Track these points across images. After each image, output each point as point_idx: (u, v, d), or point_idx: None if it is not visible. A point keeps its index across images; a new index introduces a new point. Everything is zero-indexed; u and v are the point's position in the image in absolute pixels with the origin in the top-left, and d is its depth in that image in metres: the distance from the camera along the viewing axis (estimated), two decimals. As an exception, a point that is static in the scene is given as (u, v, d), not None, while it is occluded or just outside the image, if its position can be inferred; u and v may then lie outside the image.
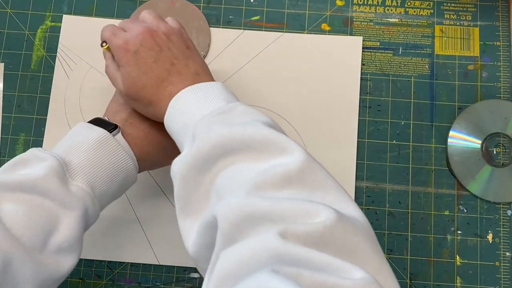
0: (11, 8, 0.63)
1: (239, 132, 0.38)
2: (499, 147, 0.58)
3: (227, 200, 0.35)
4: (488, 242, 0.56)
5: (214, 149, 0.38)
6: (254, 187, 0.35)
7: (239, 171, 0.37)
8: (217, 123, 0.39)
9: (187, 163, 0.38)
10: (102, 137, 0.45)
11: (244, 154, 0.37)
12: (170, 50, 0.46)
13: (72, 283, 0.56)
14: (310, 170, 0.35)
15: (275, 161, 0.36)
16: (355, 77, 0.60)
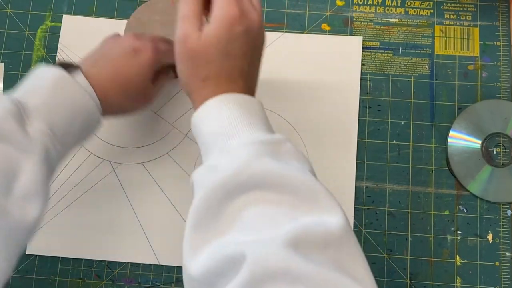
0: (11, 8, 0.63)
1: (286, 172, 0.36)
2: (499, 147, 0.58)
3: (264, 245, 0.33)
4: (488, 242, 0.56)
5: (254, 178, 0.36)
6: (294, 241, 0.33)
7: (276, 211, 0.35)
8: (265, 152, 0.37)
9: (221, 180, 0.36)
10: (58, 76, 0.43)
11: (284, 196, 0.35)
12: (258, 54, 0.44)
13: (72, 283, 0.56)
14: (348, 240, 0.34)
15: (317, 218, 0.35)
16: (355, 77, 0.60)
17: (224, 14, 0.40)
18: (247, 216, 0.35)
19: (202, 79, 0.41)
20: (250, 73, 0.43)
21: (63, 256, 0.57)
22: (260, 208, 0.35)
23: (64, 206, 0.58)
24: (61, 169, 0.58)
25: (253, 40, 0.42)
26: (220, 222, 0.36)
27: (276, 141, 0.39)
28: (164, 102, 0.60)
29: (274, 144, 0.38)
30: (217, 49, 0.41)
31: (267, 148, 0.38)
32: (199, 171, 0.38)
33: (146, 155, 0.59)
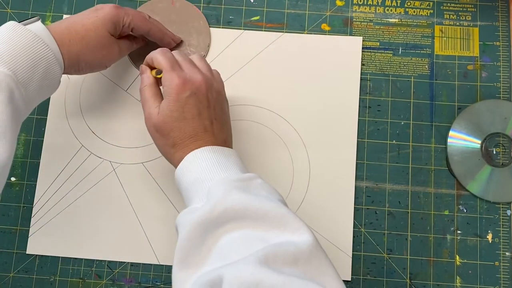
0: (11, 8, 0.63)
1: (256, 202, 0.40)
2: (499, 147, 0.58)
3: (238, 266, 0.36)
4: (488, 242, 0.56)
5: (227, 212, 0.40)
6: (265, 259, 0.36)
7: (248, 237, 0.39)
8: (236, 188, 0.41)
9: (198, 218, 0.40)
10: (11, 27, 0.45)
11: (255, 223, 0.40)
12: (215, 109, 0.48)
13: (72, 283, 0.56)
14: (317, 255, 0.38)
15: (286, 238, 0.39)
16: (355, 77, 0.60)
17: (169, 87, 0.47)
18: (223, 245, 0.39)
19: (171, 146, 0.47)
20: (216, 127, 0.48)
21: (63, 256, 0.57)
22: (234, 237, 0.40)
23: (64, 206, 0.58)
24: (61, 169, 0.58)
25: (205, 99, 0.47)
26: (201, 256, 0.40)
27: (246, 178, 0.43)
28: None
29: (244, 181, 0.43)
30: (172, 118, 0.46)
31: (238, 184, 0.42)
32: (181, 215, 0.43)
33: (146, 155, 0.59)
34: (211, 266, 0.39)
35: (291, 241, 0.38)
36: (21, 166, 0.59)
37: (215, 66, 0.60)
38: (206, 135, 0.47)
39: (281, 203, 0.41)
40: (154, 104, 0.48)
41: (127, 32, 0.54)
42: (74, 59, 0.49)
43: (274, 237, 0.39)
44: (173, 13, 0.62)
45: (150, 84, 0.49)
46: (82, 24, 0.50)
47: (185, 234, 0.40)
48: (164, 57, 0.49)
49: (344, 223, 0.57)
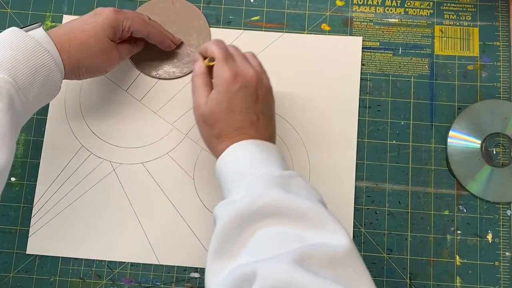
0: (11, 8, 0.63)
1: (295, 201, 0.40)
2: (499, 147, 0.58)
3: (273, 263, 0.36)
4: (488, 242, 0.56)
5: (266, 207, 0.40)
6: (300, 258, 0.36)
7: (285, 234, 0.39)
8: (276, 185, 0.41)
9: (237, 210, 0.40)
10: (12, 33, 0.45)
11: (293, 222, 0.39)
12: (263, 105, 0.48)
13: (72, 283, 0.56)
14: (353, 260, 0.37)
15: (323, 239, 0.38)
16: (355, 77, 0.60)
17: (220, 78, 0.47)
18: (259, 240, 0.39)
19: (216, 137, 0.47)
20: (261, 123, 0.48)
21: (63, 256, 0.57)
22: (271, 232, 0.39)
23: (64, 206, 0.58)
24: (61, 169, 0.58)
25: (254, 93, 0.47)
26: (236, 248, 0.40)
27: (287, 175, 0.43)
28: (164, 102, 0.60)
29: (284, 178, 0.43)
30: (220, 109, 0.47)
31: (278, 181, 0.42)
32: (219, 205, 0.43)
33: (146, 155, 0.59)
34: (245, 259, 0.38)
35: (328, 243, 0.38)
36: (21, 166, 0.59)
37: (215, 66, 0.61)
38: (251, 130, 0.47)
39: (320, 204, 0.41)
40: (203, 93, 0.48)
41: (127, 36, 0.54)
42: (75, 65, 0.49)
43: (311, 238, 0.38)
44: (173, 13, 0.62)
45: (201, 73, 0.49)
46: (82, 30, 0.50)
47: (223, 225, 0.40)
48: (218, 48, 0.49)
49: (344, 223, 0.56)
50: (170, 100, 0.60)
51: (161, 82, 0.61)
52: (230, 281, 0.37)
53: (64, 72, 0.49)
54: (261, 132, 0.47)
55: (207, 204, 0.57)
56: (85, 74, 0.52)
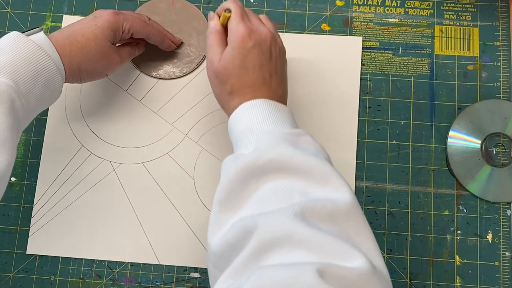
0: (11, 8, 0.63)
1: (302, 157, 0.40)
2: (499, 147, 0.58)
3: (273, 216, 0.36)
4: (488, 242, 0.56)
5: (273, 162, 0.40)
6: (301, 212, 0.36)
7: (289, 188, 0.39)
8: (284, 141, 0.41)
9: (243, 164, 0.40)
10: (14, 37, 0.46)
11: (298, 176, 0.39)
12: (276, 64, 0.48)
13: (73, 283, 0.57)
14: (355, 215, 0.37)
15: (326, 194, 0.38)
16: (355, 77, 0.60)
17: (235, 35, 0.47)
18: (263, 193, 0.39)
19: (228, 93, 0.47)
20: (274, 82, 0.48)
21: (63, 256, 0.57)
22: (275, 186, 0.39)
23: (64, 206, 0.58)
24: (61, 169, 0.58)
25: (268, 51, 0.47)
26: (241, 201, 0.40)
27: (296, 133, 0.43)
28: (164, 102, 0.60)
29: (293, 135, 0.43)
30: (233, 65, 0.47)
31: (287, 137, 0.42)
32: (226, 160, 0.43)
33: (146, 155, 0.59)
34: (248, 212, 0.39)
35: (331, 198, 0.38)
36: (21, 166, 0.59)
37: (215, 66, 0.60)
38: (263, 88, 0.47)
39: (326, 161, 0.41)
40: (218, 50, 0.48)
41: (127, 37, 0.54)
42: (75, 69, 0.50)
43: (315, 192, 0.38)
44: (173, 13, 0.62)
45: (216, 31, 0.49)
46: (82, 34, 0.50)
47: (228, 177, 0.40)
48: (235, 5, 0.49)
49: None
50: (170, 100, 0.60)
51: (161, 82, 0.61)
52: (232, 234, 0.37)
53: (65, 76, 0.49)
54: (273, 90, 0.47)
55: (207, 204, 0.58)
56: (86, 77, 0.52)
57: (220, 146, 0.59)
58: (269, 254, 0.35)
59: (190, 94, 0.60)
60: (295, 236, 0.34)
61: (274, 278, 0.32)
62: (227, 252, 0.38)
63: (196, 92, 0.60)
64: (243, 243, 0.36)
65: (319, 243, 0.34)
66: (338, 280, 0.32)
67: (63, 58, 0.48)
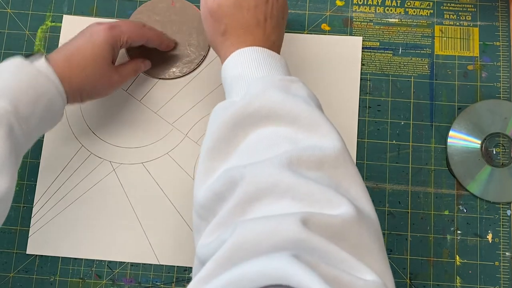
0: (11, 8, 0.63)
1: (291, 102, 0.39)
2: (499, 147, 0.58)
3: (260, 166, 0.36)
4: (488, 242, 0.56)
5: (262, 109, 0.39)
6: (288, 161, 0.36)
7: (277, 136, 0.38)
8: (275, 87, 0.41)
9: (233, 112, 0.40)
10: (17, 63, 0.46)
11: (286, 123, 0.39)
12: (273, 8, 0.47)
13: (72, 283, 0.56)
14: (344, 161, 0.37)
15: (314, 142, 0.38)
16: (355, 77, 0.60)
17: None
18: (251, 142, 0.39)
19: (221, 33, 0.46)
20: (268, 25, 0.47)
21: (63, 256, 0.57)
22: (263, 134, 0.39)
23: (64, 206, 0.58)
24: (61, 169, 0.58)
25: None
26: (228, 149, 0.40)
27: (288, 79, 0.42)
28: (164, 102, 0.60)
29: (285, 81, 0.42)
30: (228, 2, 0.46)
31: (278, 83, 0.41)
32: (217, 107, 0.42)
33: (146, 155, 0.59)
34: (235, 162, 0.38)
35: (319, 145, 0.37)
36: (21, 166, 0.59)
37: (215, 66, 0.60)
38: (257, 31, 0.46)
39: (317, 108, 0.40)
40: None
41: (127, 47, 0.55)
42: (76, 91, 0.50)
43: (303, 140, 0.38)
44: (173, 13, 0.62)
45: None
46: (81, 56, 0.50)
47: (217, 125, 0.40)
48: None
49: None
50: (170, 100, 0.60)
51: (161, 82, 0.61)
52: (218, 184, 0.37)
53: (66, 99, 0.49)
54: (267, 35, 0.46)
55: (207, 204, 0.57)
56: (86, 98, 0.52)
57: (220, 146, 0.59)
58: (254, 205, 0.34)
59: (190, 94, 0.60)
60: (281, 186, 0.34)
61: (256, 230, 0.32)
62: (213, 202, 0.37)
63: (196, 92, 0.60)
64: (229, 194, 0.36)
65: (305, 192, 0.34)
66: (322, 228, 0.32)
67: (64, 81, 0.48)
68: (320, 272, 0.28)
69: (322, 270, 0.29)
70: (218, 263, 0.31)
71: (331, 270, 0.29)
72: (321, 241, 0.31)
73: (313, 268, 0.28)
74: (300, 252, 0.30)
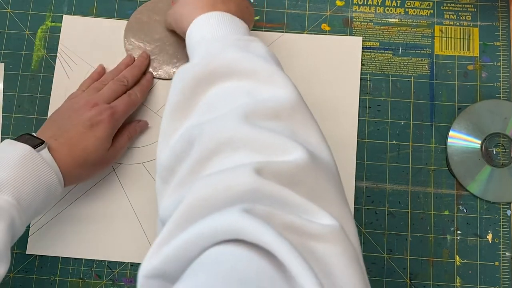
0: (11, 8, 0.63)
1: (248, 59, 0.40)
2: (499, 147, 0.58)
3: (217, 121, 0.36)
4: (488, 242, 0.56)
5: (221, 68, 0.40)
6: (244, 114, 0.36)
7: (234, 90, 0.39)
8: (234, 46, 0.42)
9: (193, 73, 0.40)
10: (26, 153, 0.45)
11: (244, 78, 0.39)
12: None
13: (72, 283, 0.56)
14: (300, 110, 0.37)
15: (271, 93, 0.38)
16: (355, 77, 0.60)
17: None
18: (210, 98, 0.39)
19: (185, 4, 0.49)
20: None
21: (63, 256, 0.57)
22: (221, 90, 0.39)
23: (64, 206, 0.58)
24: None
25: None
26: (189, 109, 0.40)
27: (247, 38, 0.43)
28: (164, 102, 0.60)
29: (244, 40, 0.43)
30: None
31: (236, 43, 0.42)
32: (177, 71, 0.42)
33: (146, 155, 0.59)
34: (196, 120, 0.39)
35: (275, 96, 0.37)
36: (21, 166, 0.59)
37: (215, 66, 0.60)
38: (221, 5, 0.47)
39: (274, 63, 0.41)
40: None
41: None
42: (74, 179, 0.51)
43: (260, 92, 0.38)
44: None
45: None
46: (83, 149, 0.50)
47: (178, 87, 0.40)
48: None
49: (344, 223, 0.57)
50: (170, 100, 0.60)
51: (161, 82, 0.61)
52: (179, 144, 0.37)
53: (63, 185, 0.49)
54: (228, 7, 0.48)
55: (207, 204, 0.57)
56: (83, 181, 0.54)
57: (220, 146, 0.59)
58: (213, 160, 0.34)
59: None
60: (236, 138, 0.34)
61: (211, 186, 0.31)
62: (174, 162, 0.37)
63: (196, 92, 0.60)
64: (188, 152, 0.36)
65: (259, 142, 0.34)
66: (276, 175, 0.32)
67: (64, 172, 0.48)
68: (274, 220, 0.29)
69: (277, 219, 0.29)
70: (176, 223, 0.31)
71: (285, 216, 0.29)
72: (274, 188, 0.31)
73: (267, 217, 0.28)
74: (254, 202, 0.30)
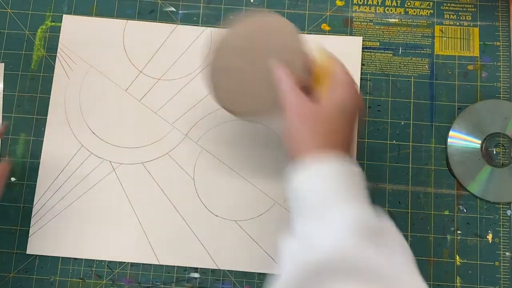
0: (11, 8, 0.63)
1: (385, 262, 0.34)
2: (499, 147, 0.58)
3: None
4: (488, 242, 0.56)
5: (346, 264, 0.34)
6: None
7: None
8: (370, 242, 0.35)
9: (312, 261, 0.35)
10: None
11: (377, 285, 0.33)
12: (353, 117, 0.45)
13: (72, 283, 0.56)
14: None
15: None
16: (355, 77, 0.60)
17: (349, 85, 0.44)
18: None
19: (314, 134, 0.41)
20: (350, 141, 0.43)
21: (63, 256, 0.57)
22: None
23: (64, 206, 0.58)
24: (61, 169, 0.58)
25: (355, 119, 0.44)
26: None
27: (382, 227, 0.37)
28: (164, 102, 0.60)
29: (379, 229, 0.37)
30: (337, 112, 0.42)
31: (368, 231, 0.36)
32: (291, 241, 0.37)
33: (146, 155, 0.59)
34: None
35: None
36: (21, 166, 0.59)
37: (215, 66, 0.60)
38: (341, 149, 0.42)
39: (415, 268, 0.35)
40: (302, 94, 0.44)
41: None
42: None
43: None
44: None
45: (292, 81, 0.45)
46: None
47: (296, 272, 0.35)
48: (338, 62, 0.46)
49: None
50: (170, 100, 0.60)
51: (161, 82, 0.61)
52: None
53: None
54: (347, 151, 0.42)
55: (207, 204, 0.57)
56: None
57: (220, 146, 0.59)
58: None
59: (190, 94, 0.60)
60: None
61: None
62: None
63: (196, 92, 0.60)
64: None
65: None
66: None
67: None
68: None
69: None
70: None
71: None
72: None
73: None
74: None
